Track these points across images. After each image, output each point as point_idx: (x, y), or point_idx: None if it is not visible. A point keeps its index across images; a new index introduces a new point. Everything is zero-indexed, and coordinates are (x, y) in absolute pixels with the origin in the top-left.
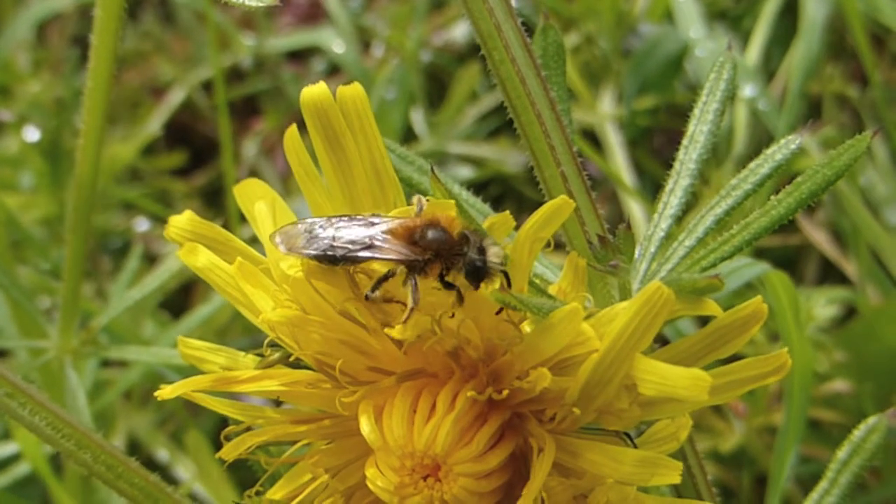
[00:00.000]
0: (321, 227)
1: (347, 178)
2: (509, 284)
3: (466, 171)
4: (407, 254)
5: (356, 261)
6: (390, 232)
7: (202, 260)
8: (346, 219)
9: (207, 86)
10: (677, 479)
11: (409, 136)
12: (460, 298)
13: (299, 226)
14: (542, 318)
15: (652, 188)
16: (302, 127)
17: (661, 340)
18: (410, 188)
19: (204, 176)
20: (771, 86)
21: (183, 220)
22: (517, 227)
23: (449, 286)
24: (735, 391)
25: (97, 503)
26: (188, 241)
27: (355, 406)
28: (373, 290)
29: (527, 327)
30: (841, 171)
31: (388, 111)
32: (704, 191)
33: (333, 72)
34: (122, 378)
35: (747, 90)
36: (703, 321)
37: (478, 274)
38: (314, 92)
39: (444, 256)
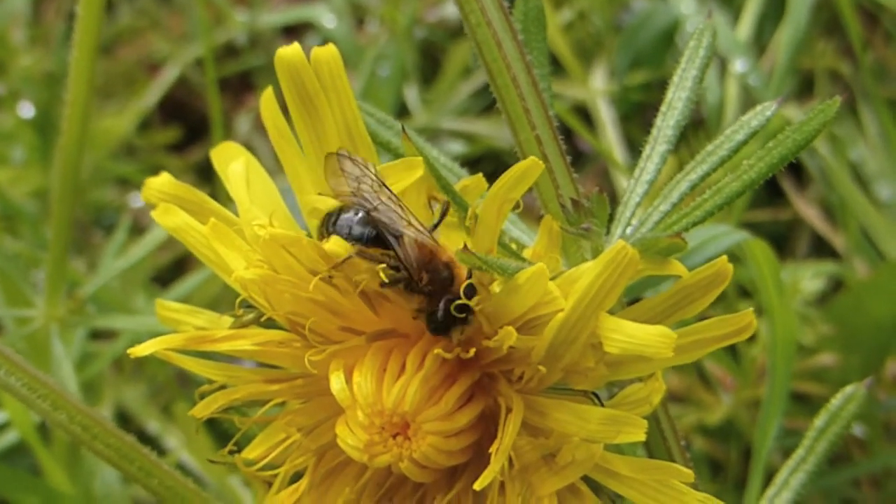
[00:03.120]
0: (372, 186)
1: (321, 138)
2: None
3: (459, 147)
4: (415, 270)
5: (373, 239)
6: (419, 243)
7: (176, 220)
8: (393, 197)
9: (202, 62)
10: (642, 437)
11: (402, 112)
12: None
13: (354, 168)
14: (508, 279)
15: None
16: None
17: None
18: (388, 152)
19: (198, 152)
20: (762, 61)
21: (159, 182)
22: None
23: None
24: (701, 350)
25: (85, 472)
26: (163, 203)
27: (327, 365)
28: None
29: (496, 288)
30: (811, 135)
31: (382, 87)
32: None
33: None
34: (109, 349)
35: (738, 65)
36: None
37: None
38: (288, 52)
39: (436, 296)
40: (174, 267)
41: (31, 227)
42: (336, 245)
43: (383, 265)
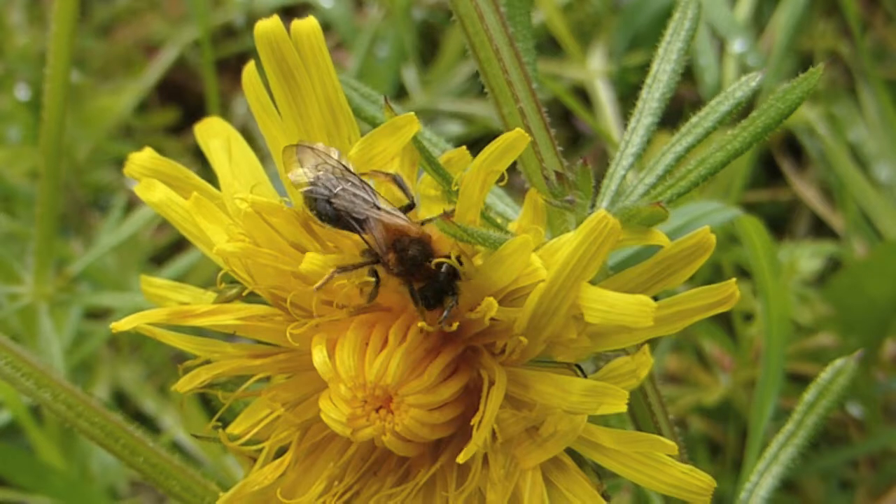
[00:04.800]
0: (332, 173)
1: (302, 113)
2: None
3: (457, 128)
4: (383, 253)
5: (337, 221)
6: (385, 225)
7: (158, 195)
8: (357, 182)
9: (200, 44)
10: (623, 408)
11: (400, 94)
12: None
13: (312, 157)
14: (491, 250)
15: None
16: None
17: None
18: (373, 127)
19: None
20: (760, 41)
21: (143, 157)
22: None
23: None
24: (683, 321)
25: (79, 452)
26: (146, 178)
27: (310, 340)
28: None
29: (477, 261)
30: (794, 104)
31: (380, 68)
32: None
33: (326, 29)
34: (104, 328)
35: (736, 45)
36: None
37: (428, 301)
38: (268, 26)
39: (410, 274)
40: (172, 247)
41: (26, 206)
42: (311, 264)
43: (363, 280)
